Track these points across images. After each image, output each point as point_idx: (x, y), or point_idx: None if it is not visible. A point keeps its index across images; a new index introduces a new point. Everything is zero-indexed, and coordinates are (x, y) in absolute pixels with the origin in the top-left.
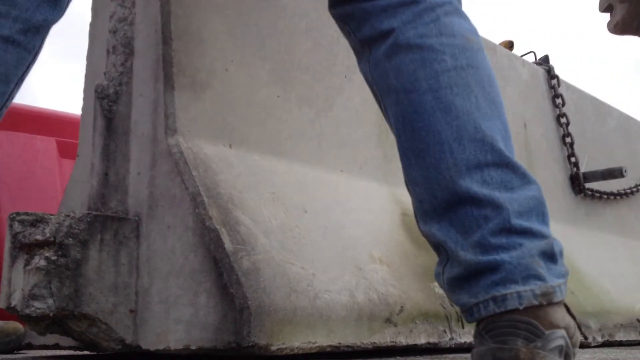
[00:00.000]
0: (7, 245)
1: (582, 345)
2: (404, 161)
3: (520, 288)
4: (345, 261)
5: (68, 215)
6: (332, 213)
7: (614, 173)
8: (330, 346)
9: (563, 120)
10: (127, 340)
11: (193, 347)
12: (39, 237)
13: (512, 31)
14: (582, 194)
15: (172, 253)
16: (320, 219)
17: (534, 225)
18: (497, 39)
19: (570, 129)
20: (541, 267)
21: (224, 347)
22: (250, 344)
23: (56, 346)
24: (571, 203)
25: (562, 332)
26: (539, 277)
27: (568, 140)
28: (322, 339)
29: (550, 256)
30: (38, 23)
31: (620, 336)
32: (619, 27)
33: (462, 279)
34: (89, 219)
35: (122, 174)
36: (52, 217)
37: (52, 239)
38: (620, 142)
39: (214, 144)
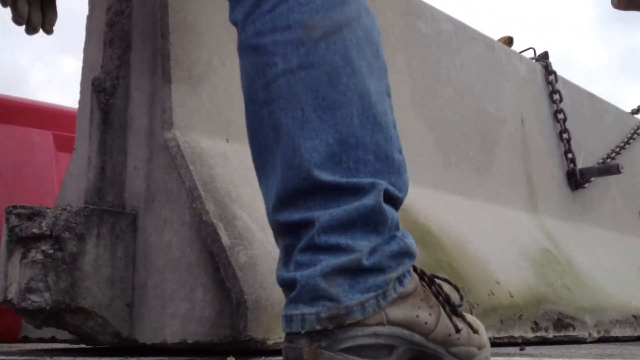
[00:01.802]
0: (3, 238)
1: (578, 341)
2: (257, 174)
3: (306, 310)
4: None
5: (65, 209)
6: None
7: (611, 169)
8: None
9: (560, 116)
10: (124, 334)
11: (189, 341)
12: (35, 231)
13: (513, 27)
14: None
15: (169, 247)
16: None
17: (344, 239)
18: (497, 34)
19: (567, 125)
20: (337, 285)
21: (220, 341)
22: (247, 338)
23: (52, 339)
24: (568, 199)
25: (374, 329)
26: (329, 298)
27: (565, 136)
28: None
29: (360, 270)
30: None
31: (615, 332)
32: (623, 2)
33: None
34: (85, 213)
35: (119, 167)
36: (48, 210)
37: (48, 232)
38: (617, 138)
39: (211, 138)
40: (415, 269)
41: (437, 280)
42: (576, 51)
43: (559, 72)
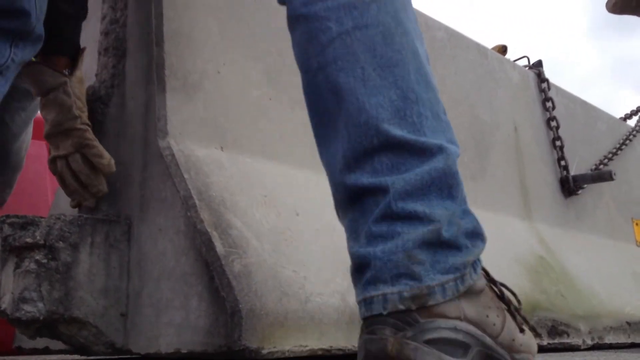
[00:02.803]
0: None
1: (572, 348)
2: (317, 147)
3: (387, 290)
4: (337, 264)
5: (59, 218)
6: (324, 215)
7: (604, 176)
8: (321, 349)
9: (553, 123)
10: (117, 344)
11: (184, 351)
12: (29, 240)
13: (507, 36)
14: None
15: (164, 256)
16: (312, 221)
17: (421, 206)
18: (491, 43)
19: (560, 132)
20: (418, 262)
21: (215, 350)
22: (241, 348)
23: (46, 350)
24: (561, 206)
25: (454, 323)
26: (411, 276)
27: (558, 143)
28: (313, 342)
29: (439, 244)
30: None
31: (609, 339)
32: (618, 6)
33: (353, 275)
34: (79, 222)
35: (114, 176)
36: (42, 220)
37: (42, 242)
38: (609, 145)
39: (206, 146)
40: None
41: (497, 283)
42: (569, 58)
43: (552, 79)
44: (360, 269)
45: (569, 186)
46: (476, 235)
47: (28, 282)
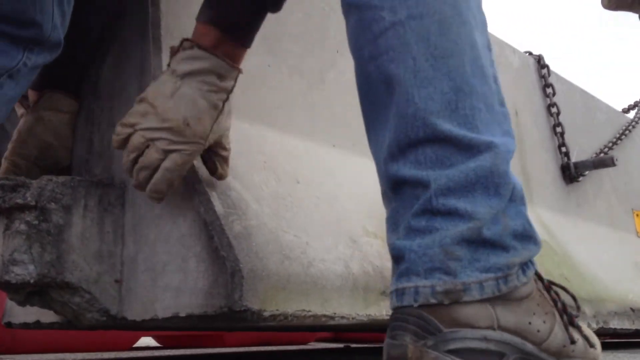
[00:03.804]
0: None
1: None
2: (367, 135)
3: (420, 282)
4: (339, 232)
5: (50, 180)
6: (325, 185)
7: (606, 162)
8: (324, 316)
9: (554, 109)
10: (112, 311)
11: (182, 314)
12: (19, 201)
13: (511, 33)
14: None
15: (160, 219)
16: (313, 189)
17: (463, 203)
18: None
19: (561, 118)
20: (455, 258)
21: (215, 312)
22: (243, 309)
23: (37, 324)
24: (563, 193)
25: (484, 332)
26: (446, 271)
27: (559, 129)
28: (316, 308)
29: (480, 242)
30: None
31: (614, 324)
32: (613, 3)
33: (392, 267)
34: (72, 184)
35: (107, 139)
36: (33, 182)
37: (33, 203)
38: (609, 135)
39: None
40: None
41: (554, 287)
42: (570, 53)
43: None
44: (396, 261)
45: (570, 173)
46: (527, 237)
47: (18, 243)
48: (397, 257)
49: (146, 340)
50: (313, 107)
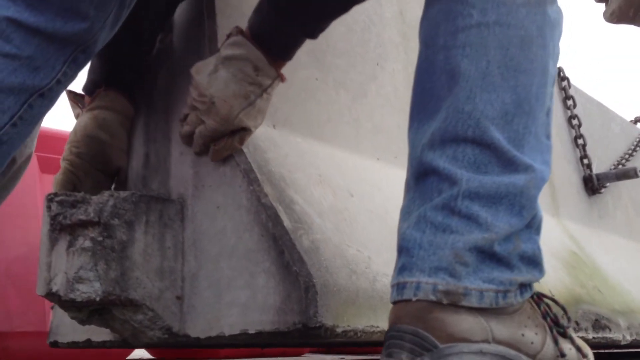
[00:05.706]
0: (44, 228)
1: (614, 343)
2: (409, 121)
3: (423, 279)
4: (394, 246)
5: (112, 195)
6: (375, 198)
7: (629, 173)
8: None
9: (575, 121)
10: (174, 328)
11: (251, 331)
12: (82, 217)
13: None
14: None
15: (223, 234)
16: (365, 203)
17: (485, 213)
18: None
19: (582, 130)
20: (463, 263)
21: (288, 329)
22: (317, 325)
23: (87, 343)
24: (585, 204)
25: (480, 346)
26: (451, 273)
27: (580, 141)
28: (384, 323)
29: (489, 255)
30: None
31: None
32: (615, 16)
33: (397, 255)
34: (134, 199)
35: (163, 154)
36: (92, 197)
37: (96, 219)
38: (623, 146)
39: None
40: None
41: (545, 299)
42: (581, 59)
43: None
44: (402, 253)
45: (592, 184)
46: (534, 263)
47: (84, 260)
48: (405, 248)
49: (139, 353)
50: (357, 120)
